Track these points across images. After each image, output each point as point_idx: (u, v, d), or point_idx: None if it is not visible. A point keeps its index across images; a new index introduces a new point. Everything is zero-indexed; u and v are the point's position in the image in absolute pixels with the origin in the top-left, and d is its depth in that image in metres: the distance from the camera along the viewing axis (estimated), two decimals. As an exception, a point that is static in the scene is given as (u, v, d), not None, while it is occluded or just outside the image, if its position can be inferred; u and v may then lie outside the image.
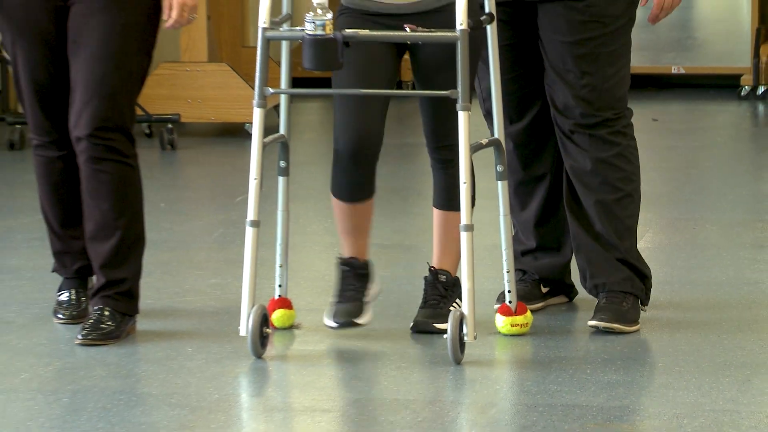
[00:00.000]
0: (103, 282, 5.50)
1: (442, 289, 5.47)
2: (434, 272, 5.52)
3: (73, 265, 5.61)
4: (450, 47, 5.15)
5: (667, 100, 9.56)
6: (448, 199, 5.40)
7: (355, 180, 5.39)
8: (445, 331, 5.16)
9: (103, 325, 5.47)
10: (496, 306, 5.54)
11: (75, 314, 5.56)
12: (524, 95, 5.69)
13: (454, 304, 5.41)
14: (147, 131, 8.95)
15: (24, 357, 5.46)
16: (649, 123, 8.85)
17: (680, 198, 7.36)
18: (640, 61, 9.85)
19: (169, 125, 8.68)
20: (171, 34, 9.37)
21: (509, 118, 5.68)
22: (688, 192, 7.64)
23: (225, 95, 8.70)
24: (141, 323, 5.66)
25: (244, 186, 5.46)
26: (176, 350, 5.47)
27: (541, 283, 5.84)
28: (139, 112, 8.78)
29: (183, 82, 8.86)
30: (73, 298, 5.61)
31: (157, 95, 8.90)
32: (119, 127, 5.42)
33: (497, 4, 5.42)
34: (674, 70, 9.82)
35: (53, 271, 5.69)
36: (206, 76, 8.67)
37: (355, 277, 5.44)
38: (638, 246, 5.83)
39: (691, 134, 8.88)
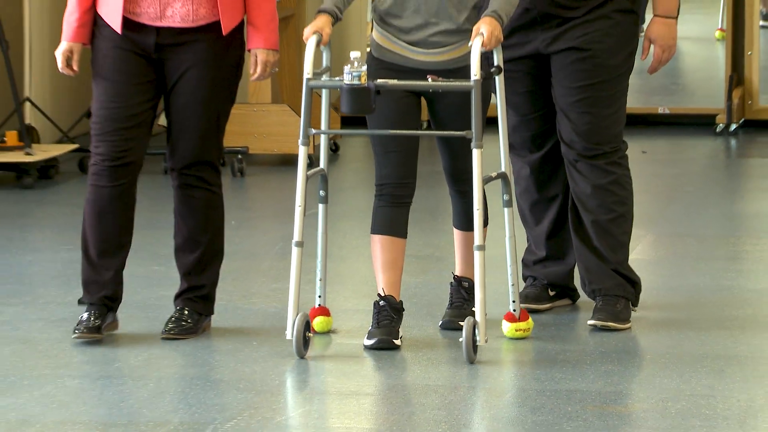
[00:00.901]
0: (186, 287, 5.48)
1: (464, 293, 5.45)
2: (458, 279, 5.49)
3: (99, 293, 5.45)
4: (464, 95, 5.12)
5: (655, 135, 9.52)
6: (466, 222, 5.38)
7: (390, 216, 5.34)
8: None
9: (183, 323, 5.45)
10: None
11: (86, 330, 5.38)
12: (542, 132, 5.65)
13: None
14: (221, 161, 8.93)
15: (116, 349, 5.44)
16: (639, 154, 8.81)
17: (665, 217, 7.32)
18: (632, 103, 9.79)
19: (239, 156, 8.67)
20: (241, 80, 9.41)
21: (529, 149, 5.65)
22: (671, 212, 7.60)
23: (286, 131, 8.69)
24: (214, 321, 5.65)
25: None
26: (244, 343, 5.45)
27: (548, 288, 5.78)
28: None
29: (251, 120, 8.85)
30: (93, 316, 5.42)
31: (229, 131, 8.79)
32: (207, 162, 5.41)
33: (521, 58, 5.42)
34: (661, 110, 9.78)
35: (79, 303, 5.52)
36: (270, 115, 8.65)
37: (391, 310, 5.36)
38: (630, 257, 5.80)
39: (674, 164, 8.85)
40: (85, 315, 5.43)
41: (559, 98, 5.53)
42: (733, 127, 9.63)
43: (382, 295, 5.37)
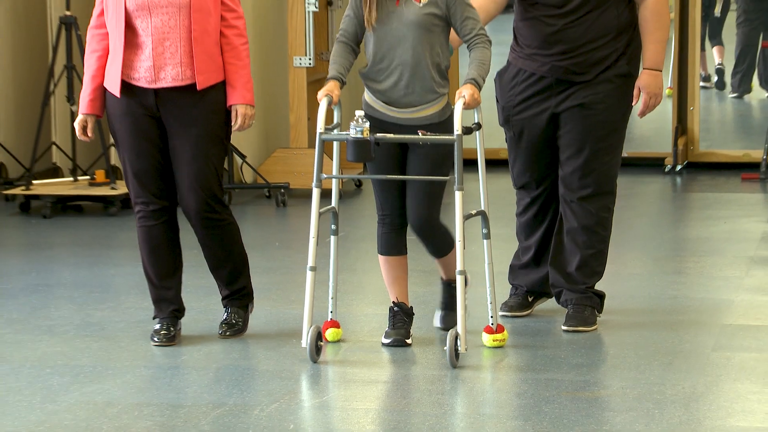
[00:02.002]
0: (227, 293, 5.45)
1: (453, 292, 5.27)
2: (448, 282, 5.41)
3: (168, 308, 5.41)
4: (437, 147, 5.09)
5: (615, 174, 9.53)
6: (437, 252, 5.33)
7: (392, 241, 5.29)
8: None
9: (234, 324, 5.43)
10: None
11: (165, 340, 5.36)
12: (546, 174, 5.56)
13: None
14: (267, 194, 8.93)
15: (182, 346, 5.44)
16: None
17: (625, 240, 7.29)
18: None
19: (282, 190, 8.66)
20: (284, 129, 9.45)
21: (536, 183, 5.56)
22: (629, 235, 7.58)
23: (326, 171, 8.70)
24: (260, 321, 5.63)
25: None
26: (285, 341, 5.43)
27: (528, 295, 5.72)
28: (260, 180, 8.83)
29: (292, 160, 8.85)
30: (164, 328, 5.38)
31: (274, 170, 8.90)
32: (212, 206, 5.28)
33: (538, 114, 5.40)
34: (623, 154, 9.77)
35: (154, 318, 5.46)
36: (307, 157, 8.62)
37: (403, 314, 5.33)
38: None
39: (632, 197, 8.83)
40: (158, 326, 5.41)
41: (565, 147, 5.47)
42: (679, 167, 9.62)
43: (396, 302, 5.35)
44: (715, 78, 10.08)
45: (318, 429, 4.64)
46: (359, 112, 5.02)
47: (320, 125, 5.10)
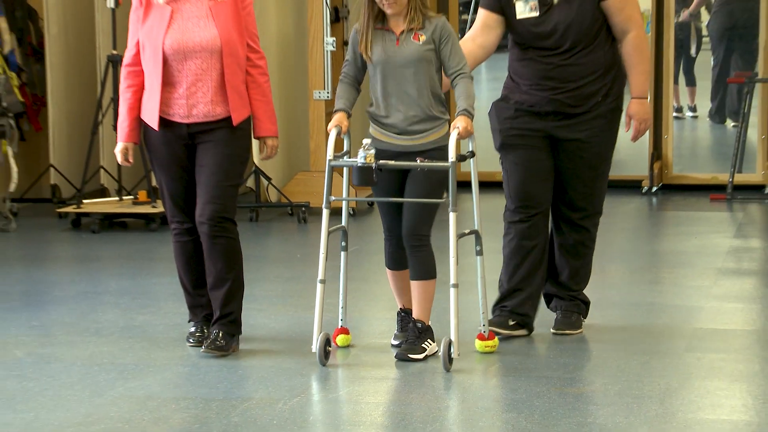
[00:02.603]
0: (219, 315, 5.28)
1: (417, 332, 5.15)
2: (414, 321, 5.18)
3: (201, 314, 5.38)
4: (434, 171, 5.03)
5: (599, 194, 9.53)
6: (418, 272, 5.12)
7: (398, 257, 5.24)
8: (419, 359, 5.06)
9: (218, 342, 5.25)
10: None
11: (200, 339, 5.32)
12: (541, 194, 5.43)
13: (427, 343, 5.13)
14: (289, 212, 8.93)
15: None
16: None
17: (608, 253, 7.29)
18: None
19: (303, 209, 8.66)
20: (305, 154, 9.46)
21: (531, 206, 5.43)
22: (612, 249, 7.58)
23: (336, 192, 8.68)
24: (283, 324, 5.62)
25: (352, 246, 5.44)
26: (304, 343, 5.36)
27: (510, 317, 5.47)
28: (283, 199, 8.83)
29: (312, 182, 8.85)
30: (198, 330, 5.37)
31: (296, 191, 8.91)
32: (226, 218, 5.22)
33: (535, 129, 5.32)
34: (603, 177, 9.80)
35: (189, 321, 5.45)
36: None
37: (409, 318, 5.28)
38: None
39: (613, 215, 8.81)
40: (193, 328, 5.40)
41: (564, 173, 5.43)
42: (654, 189, 9.63)
43: (402, 308, 5.33)
44: (688, 113, 10.09)
45: (334, 420, 4.63)
46: (366, 140, 4.99)
47: (329, 153, 5.07)
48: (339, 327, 5.38)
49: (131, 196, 8.60)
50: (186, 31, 5.08)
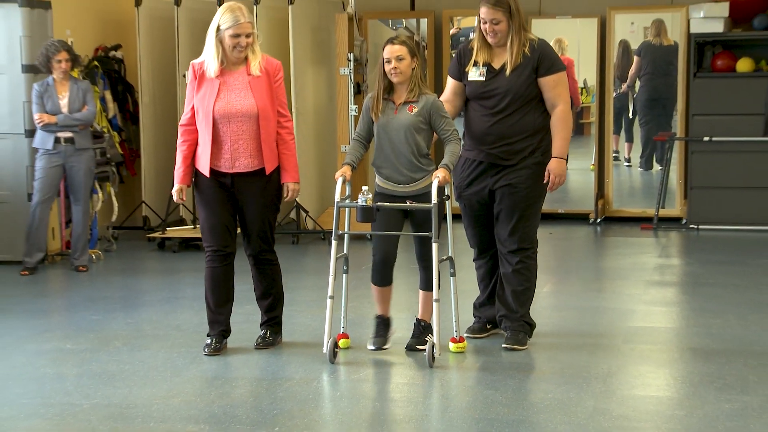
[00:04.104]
0: (266, 319, 5.24)
1: (421, 329, 5.15)
2: (418, 320, 5.18)
3: (218, 329, 5.21)
4: (427, 211, 4.94)
5: (556, 224, 9.48)
6: (425, 284, 5.08)
7: (382, 275, 5.13)
8: (424, 349, 4.99)
9: (267, 339, 5.22)
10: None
11: (214, 351, 5.14)
12: (489, 238, 5.34)
13: (429, 336, 5.07)
14: (322, 237, 8.86)
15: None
16: (547, 235, 8.78)
17: (562, 268, 7.27)
18: (545, 207, 9.79)
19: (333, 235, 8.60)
20: (333, 191, 9.40)
21: (485, 243, 5.32)
22: (565, 266, 7.56)
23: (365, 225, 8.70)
24: (316, 319, 5.57)
25: (362, 263, 5.40)
26: (332, 334, 5.38)
27: (486, 324, 5.42)
28: (318, 227, 8.75)
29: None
30: (213, 342, 5.19)
31: (327, 221, 8.84)
32: (268, 249, 5.16)
33: (480, 191, 5.21)
34: (560, 211, 9.75)
35: (207, 336, 5.24)
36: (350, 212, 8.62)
37: (384, 324, 5.20)
38: (539, 290, 5.60)
39: (567, 240, 8.81)
40: (209, 340, 5.21)
41: (498, 214, 5.25)
42: (599, 220, 9.60)
43: (379, 315, 5.21)
44: (625, 161, 10.09)
45: (356, 394, 4.60)
46: (365, 188, 4.91)
47: (337, 197, 4.97)
48: (341, 332, 5.20)
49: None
50: (231, 100, 5.04)
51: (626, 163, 10.02)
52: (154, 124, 9.25)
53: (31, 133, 7.58)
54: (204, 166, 5.09)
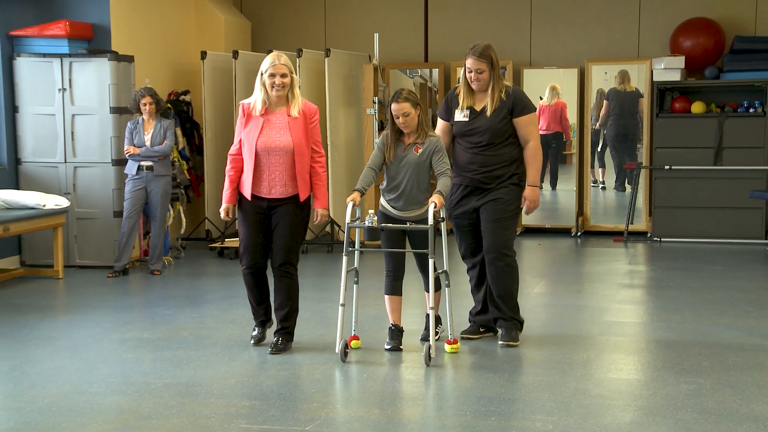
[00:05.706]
0: (279, 327, 5.10)
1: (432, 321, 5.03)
2: (427, 315, 5.09)
3: (259, 318, 5.17)
4: (424, 232, 4.89)
5: (543, 237, 9.44)
6: (426, 288, 4.99)
7: (393, 286, 5.05)
8: (433, 339, 4.86)
9: (279, 345, 5.06)
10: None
11: (259, 340, 5.14)
12: (477, 248, 5.26)
13: (439, 328, 5.01)
14: (351, 248, 8.85)
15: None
16: (535, 246, 8.75)
17: (549, 273, 7.24)
18: (533, 221, 9.77)
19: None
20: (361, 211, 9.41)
21: (474, 255, 5.24)
22: (550, 272, 7.53)
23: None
24: (325, 327, 5.58)
25: (375, 270, 5.38)
26: (360, 329, 5.37)
27: (480, 327, 5.33)
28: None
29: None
30: (258, 333, 5.18)
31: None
32: (291, 263, 5.04)
33: (467, 211, 5.13)
34: (547, 225, 9.71)
35: (253, 328, 5.22)
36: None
37: (397, 331, 5.09)
38: (528, 291, 5.62)
39: (553, 250, 8.75)
40: (255, 332, 5.19)
41: (482, 224, 5.16)
42: (579, 234, 9.55)
43: (393, 324, 5.12)
44: (601, 185, 10.05)
45: (371, 377, 4.59)
46: (371, 211, 4.88)
47: (348, 219, 4.87)
48: (352, 334, 5.11)
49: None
50: (271, 137, 4.98)
51: (601, 185, 9.99)
52: (215, 154, 9.30)
53: (117, 162, 7.72)
54: (246, 191, 5.03)
